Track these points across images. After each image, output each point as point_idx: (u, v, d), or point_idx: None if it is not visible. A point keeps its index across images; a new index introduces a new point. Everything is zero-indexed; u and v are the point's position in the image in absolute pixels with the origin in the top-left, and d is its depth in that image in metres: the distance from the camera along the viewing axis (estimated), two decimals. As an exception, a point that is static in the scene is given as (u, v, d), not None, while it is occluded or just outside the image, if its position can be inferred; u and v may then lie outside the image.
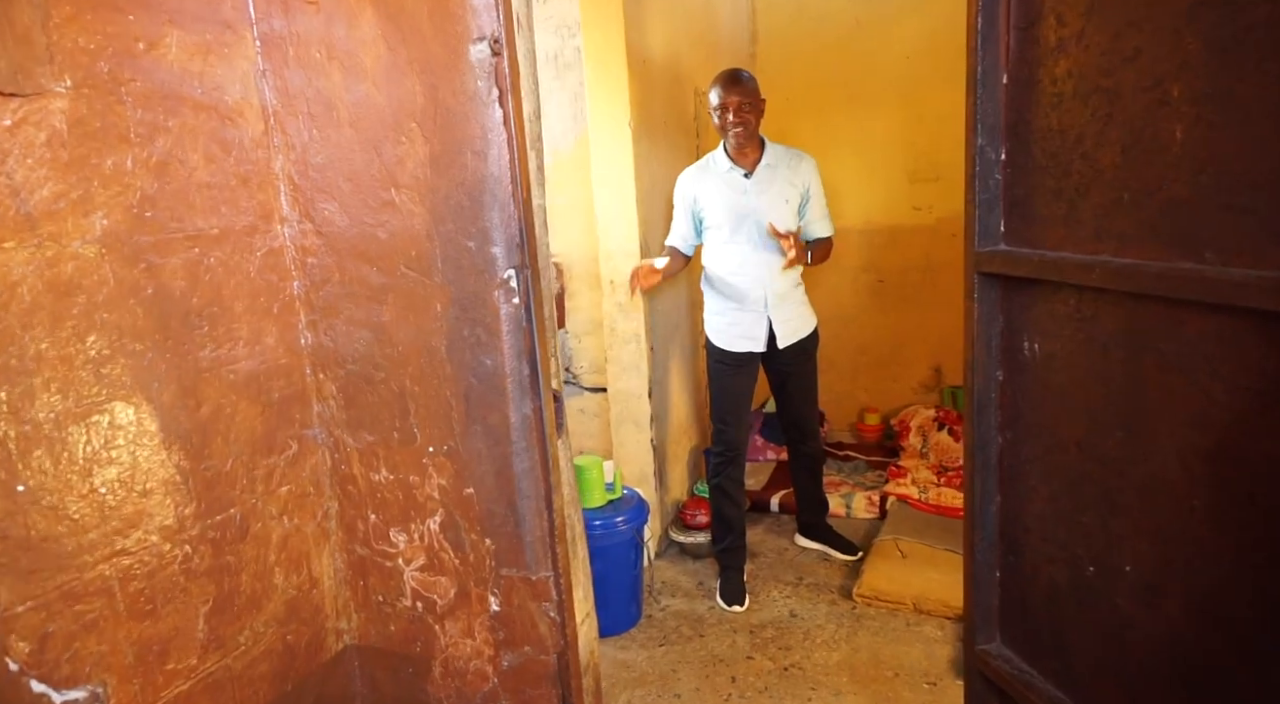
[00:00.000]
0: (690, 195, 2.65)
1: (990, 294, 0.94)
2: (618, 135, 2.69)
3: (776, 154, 2.56)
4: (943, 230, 3.73)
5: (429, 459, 1.39)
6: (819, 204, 2.59)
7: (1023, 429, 0.95)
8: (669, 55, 3.01)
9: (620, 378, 2.89)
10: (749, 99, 2.46)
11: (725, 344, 2.67)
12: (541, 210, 1.39)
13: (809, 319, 2.68)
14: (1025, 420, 0.95)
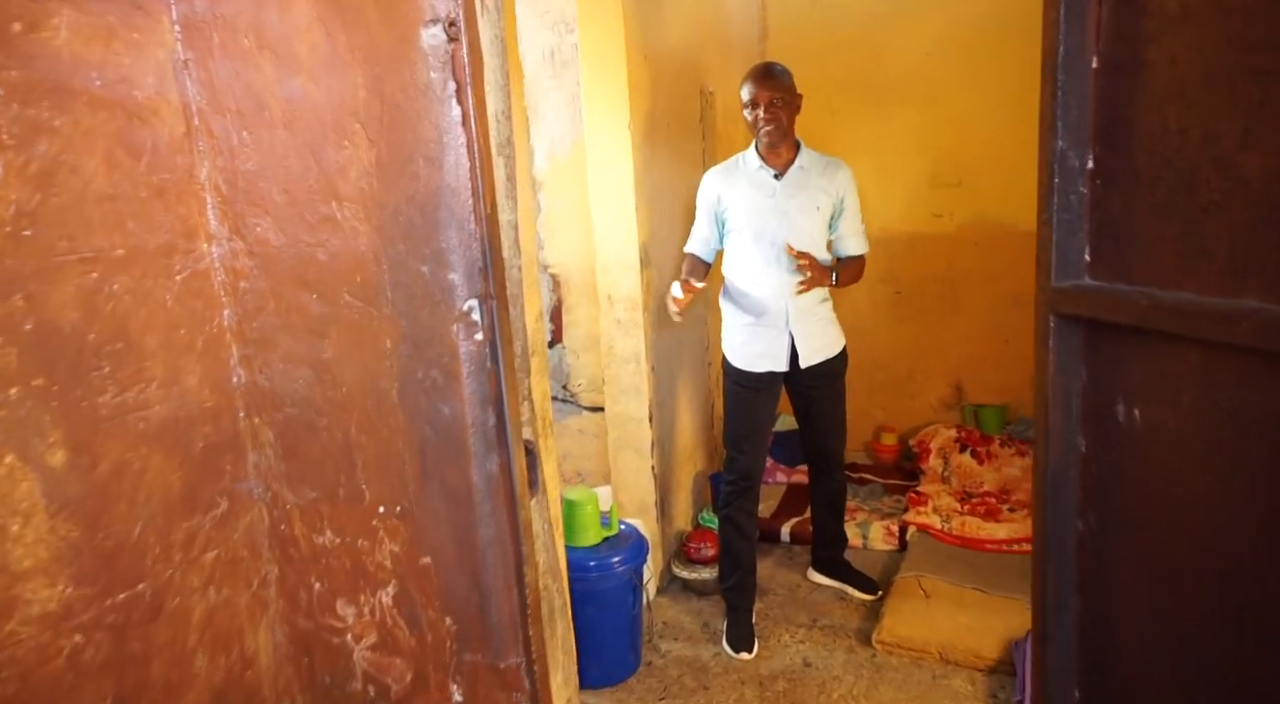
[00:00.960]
0: (714, 195, 2.44)
1: (1070, 342, 0.73)
2: (616, 138, 2.47)
3: (811, 158, 2.36)
4: (964, 238, 3.50)
5: (379, 521, 1.17)
6: (853, 218, 2.39)
7: (1112, 516, 0.74)
8: (674, 51, 2.79)
9: (619, 400, 2.68)
10: (782, 94, 2.26)
11: (743, 363, 2.45)
12: (511, 228, 1.18)
13: (836, 338, 2.46)
14: (1116, 504, 0.73)
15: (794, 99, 2.31)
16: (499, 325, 1.09)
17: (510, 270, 1.17)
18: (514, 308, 1.18)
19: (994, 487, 3.21)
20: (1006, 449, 3.36)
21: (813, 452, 2.58)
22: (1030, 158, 3.27)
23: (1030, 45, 3.01)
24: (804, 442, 2.60)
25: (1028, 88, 3.25)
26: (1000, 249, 3.44)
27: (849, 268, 2.40)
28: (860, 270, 2.43)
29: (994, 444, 3.39)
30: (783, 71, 2.29)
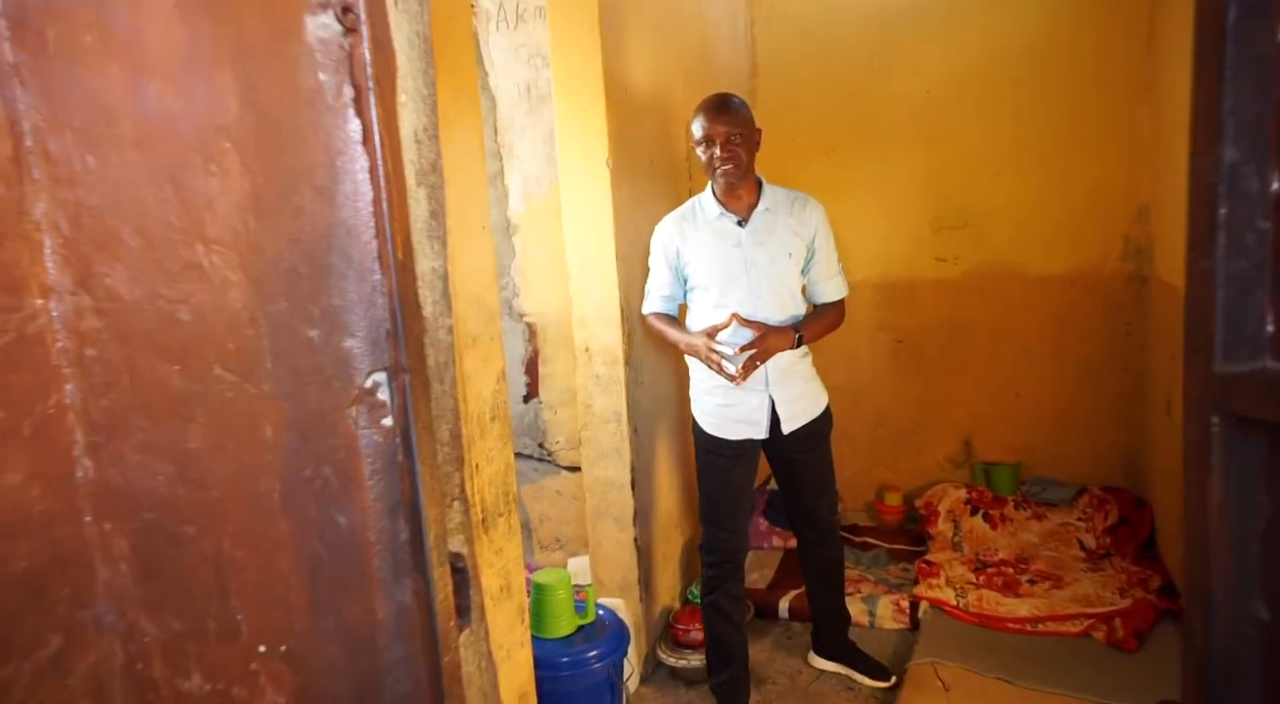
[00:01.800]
0: (671, 249, 2.18)
1: (1246, 459, 0.47)
2: (594, 176, 2.24)
3: (776, 197, 2.11)
4: (970, 285, 3.28)
5: (260, 664, 0.89)
6: (828, 259, 2.12)
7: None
8: (656, 86, 2.58)
9: (597, 464, 2.40)
10: (739, 129, 2.01)
11: (718, 430, 2.18)
12: (438, 278, 0.93)
13: (819, 396, 2.20)
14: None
15: (753, 134, 2.07)
16: (414, 407, 0.83)
17: (435, 332, 0.92)
18: (440, 382, 0.92)
19: (1010, 554, 2.93)
20: (1022, 512, 3.09)
21: (800, 520, 2.31)
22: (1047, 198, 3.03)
23: (1046, 76, 2.78)
24: (789, 510, 2.33)
25: (1041, 123, 3.05)
26: (1010, 296, 3.21)
27: (822, 317, 2.14)
28: (840, 316, 2.17)
29: (1008, 506, 3.12)
30: (740, 104, 2.08)
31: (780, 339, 2.01)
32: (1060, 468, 3.22)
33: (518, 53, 2.89)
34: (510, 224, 3.02)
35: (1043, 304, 3.17)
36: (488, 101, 2.96)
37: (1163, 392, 2.73)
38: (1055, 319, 3.16)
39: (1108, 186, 3.01)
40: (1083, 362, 3.14)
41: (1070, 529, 2.97)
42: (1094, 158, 3.02)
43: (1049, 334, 3.18)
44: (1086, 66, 2.98)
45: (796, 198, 2.12)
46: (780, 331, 2.02)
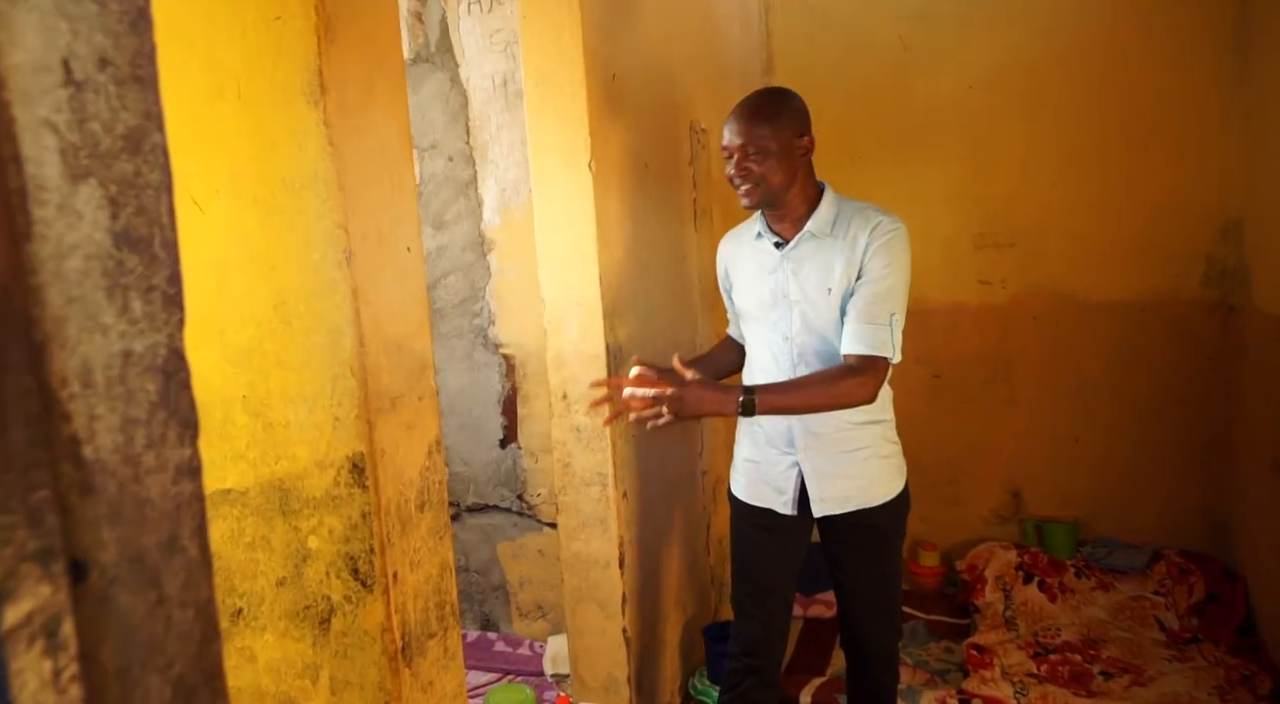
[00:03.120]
0: (721, 268, 1.83)
1: None
2: (572, 183, 1.81)
3: (832, 216, 1.61)
4: (1019, 312, 2.83)
5: None
6: (871, 295, 1.53)
7: None
8: (654, 74, 2.15)
9: (577, 536, 1.95)
10: (763, 141, 1.54)
11: (746, 492, 1.75)
12: (137, 364, 0.48)
13: (880, 479, 1.67)
14: None
15: (792, 145, 1.57)
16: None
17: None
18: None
19: (1075, 635, 2.45)
20: (1085, 581, 2.62)
21: (847, 641, 1.81)
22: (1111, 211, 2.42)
23: (1110, 69, 2.29)
24: (840, 622, 1.83)
25: (1104, 124, 2.57)
26: (1066, 325, 2.76)
27: (814, 381, 1.52)
28: (852, 386, 1.50)
29: (1067, 573, 2.65)
30: (779, 106, 1.59)
31: (706, 397, 1.46)
32: (1127, 527, 2.75)
33: (493, 40, 2.48)
34: (485, 240, 2.60)
35: (1105, 334, 2.72)
36: (458, 97, 2.54)
37: (1262, 443, 2.27)
38: (1120, 352, 2.71)
39: (1186, 198, 2.56)
40: (1154, 403, 2.68)
41: (1146, 605, 2.49)
42: (1169, 164, 2.57)
43: (1112, 369, 2.72)
44: (1159, 55, 2.54)
45: (862, 214, 1.59)
46: (712, 389, 1.48)
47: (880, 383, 1.54)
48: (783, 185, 1.58)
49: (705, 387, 1.48)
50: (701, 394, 1.47)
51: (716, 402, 1.48)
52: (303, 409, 1.19)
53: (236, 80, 1.13)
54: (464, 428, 2.74)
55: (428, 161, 2.62)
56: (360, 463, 1.17)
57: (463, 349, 2.70)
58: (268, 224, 1.15)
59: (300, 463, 1.21)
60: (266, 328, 1.18)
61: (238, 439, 1.23)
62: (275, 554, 1.25)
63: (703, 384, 1.48)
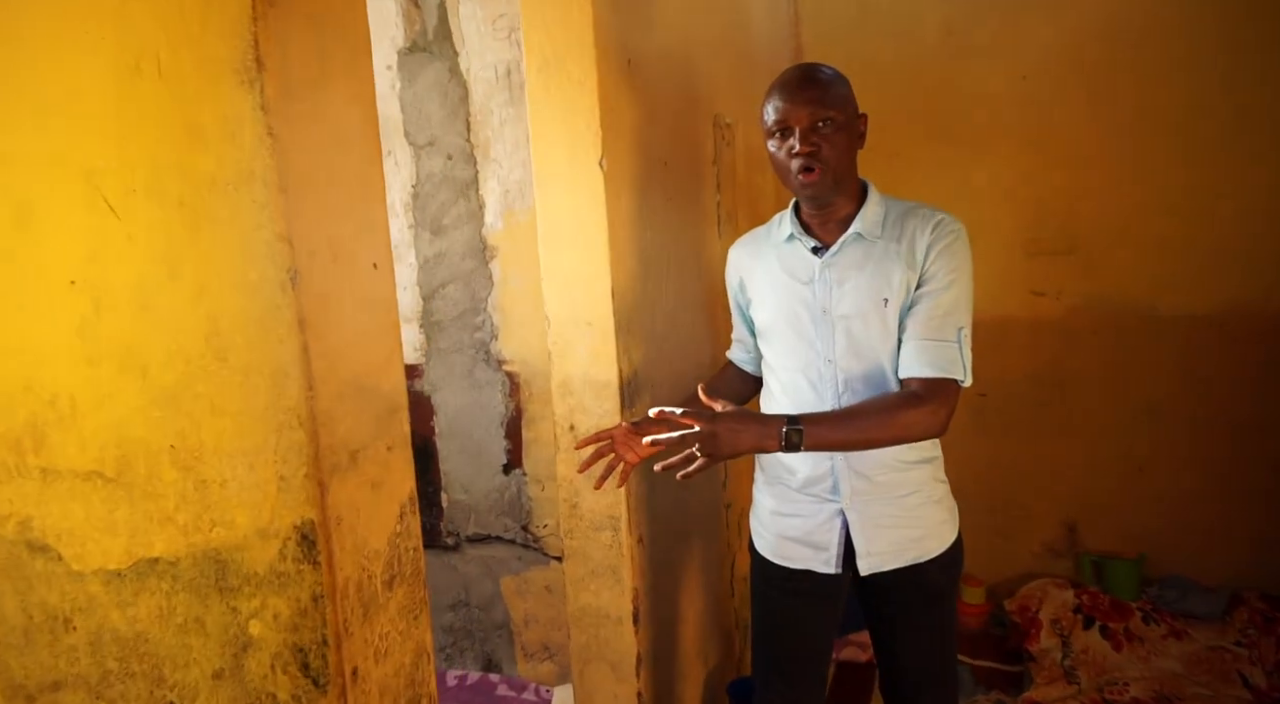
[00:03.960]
0: (735, 279, 1.56)
1: None
2: (581, 183, 1.57)
3: (880, 215, 1.37)
4: (1077, 326, 2.56)
5: None
6: (934, 307, 1.30)
7: None
8: (674, 62, 1.91)
9: (585, 587, 1.71)
10: (832, 111, 1.31)
11: (772, 551, 1.50)
12: None
13: (935, 527, 1.43)
14: None
15: (854, 121, 1.36)
16: None
17: None
18: None
19: (1146, 691, 2.18)
20: (1154, 626, 2.35)
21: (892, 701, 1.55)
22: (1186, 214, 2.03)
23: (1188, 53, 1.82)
24: (882, 681, 1.58)
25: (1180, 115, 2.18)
26: (1131, 341, 2.49)
27: (876, 410, 1.27)
28: (920, 415, 1.25)
29: (1133, 618, 2.38)
30: (835, 76, 1.37)
31: (744, 431, 1.22)
32: (1199, 566, 2.48)
33: (495, 26, 2.24)
34: (486, 246, 2.36)
35: (1176, 351, 2.44)
36: (458, 89, 2.30)
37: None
38: (1195, 372, 2.43)
39: (1277, 199, 2.28)
40: (1232, 427, 2.41)
41: (1227, 657, 2.22)
42: (1254, 160, 2.30)
43: (1186, 391, 2.45)
44: (1252, 35, 2.26)
45: (915, 213, 1.36)
46: (750, 421, 1.23)
47: (951, 412, 1.29)
48: (847, 168, 1.35)
49: (741, 419, 1.23)
50: (737, 428, 1.22)
51: (756, 435, 1.23)
52: (241, 465, 0.95)
53: (156, 52, 0.89)
54: (464, 451, 2.51)
55: (424, 160, 2.39)
56: (310, 533, 0.93)
57: (462, 366, 2.46)
58: (196, 234, 0.91)
59: (239, 530, 0.97)
60: (197, 364, 0.95)
61: (165, 498, 1.00)
62: (211, 640, 1.01)
63: (739, 416, 1.23)
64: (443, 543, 2.59)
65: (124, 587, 1.05)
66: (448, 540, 2.59)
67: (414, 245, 2.45)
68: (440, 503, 2.57)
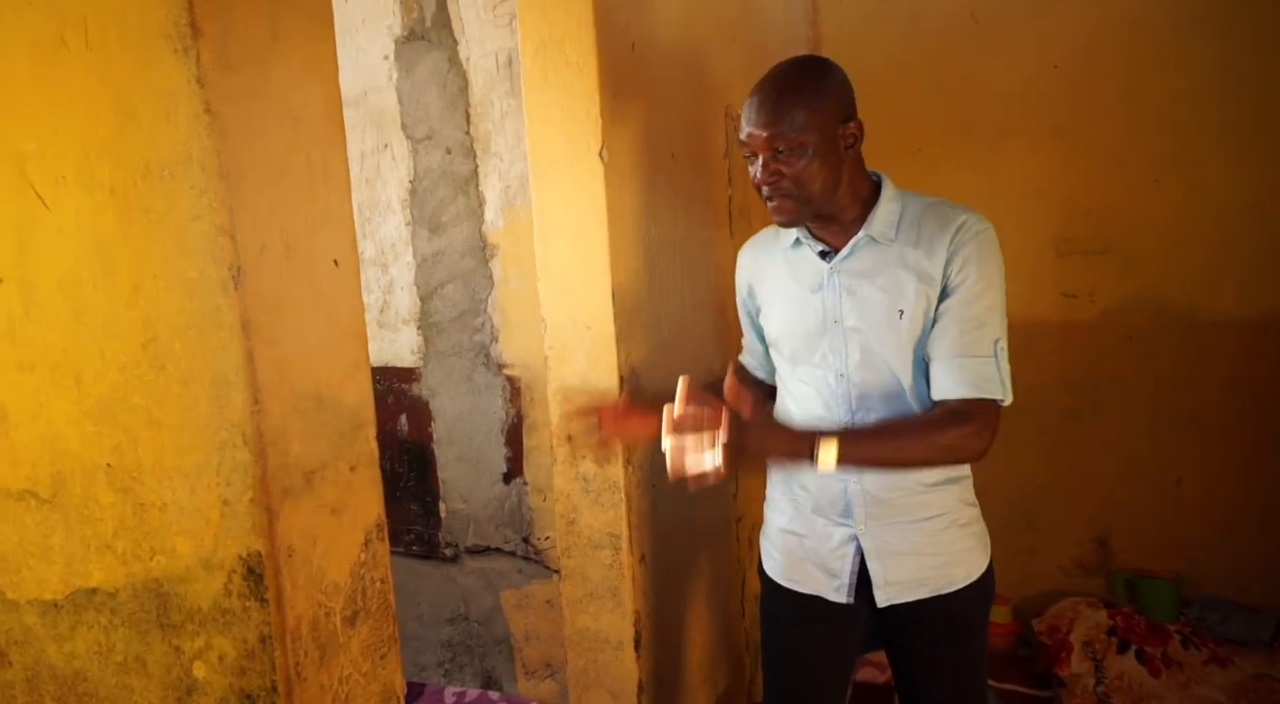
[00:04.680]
0: (743, 286, 1.44)
1: None
2: (580, 176, 1.45)
3: (892, 216, 1.23)
4: (1111, 330, 2.42)
5: None
6: (964, 319, 1.17)
7: None
8: (682, 48, 1.79)
9: (584, 609, 1.59)
10: (793, 137, 1.15)
11: (779, 572, 1.38)
12: None
13: (961, 554, 1.29)
14: None
15: (831, 138, 1.19)
16: None
17: None
18: None
19: (1186, 721, 2.04)
20: (1195, 652, 2.20)
21: None
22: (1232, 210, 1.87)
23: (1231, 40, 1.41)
24: None
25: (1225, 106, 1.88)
26: (1171, 347, 2.34)
27: (915, 430, 1.17)
28: (958, 438, 1.14)
29: (1172, 642, 2.23)
30: (812, 80, 1.19)
31: (772, 442, 1.13)
32: (1242, 587, 2.33)
33: (496, 13, 2.13)
34: (486, 244, 2.25)
35: (1218, 358, 2.30)
36: (457, 80, 2.19)
37: None
38: (1238, 379, 2.28)
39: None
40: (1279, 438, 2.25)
41: (1276, 687, 2.07)
42: (1303, 155, 2.15)
43: (1228, 399, 2.30)
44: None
45: (934, 212, 1.22)
46: (779, 433, 1.15)
47: (994, 435, 1.17)
48: (826, 190, 1.20)
49: (770, 429, 1.13)
50: (765, 438, 1.12)
51: (786, 447, 1.12)
52: (182, 487, 0.84)
53: (83, 19, 0.78)
54: (463, 459, 2.40)
55: (423, 154, 2.28)
56: (256, 566, 0.82)
57: (462, 369, 2.36)
58: (129, 226, 0.81)
59: (181, 560, 0.86)
60: (133, 373, 0.84)
61: (103, 523, 0.89)
62: (153, 682, 0.90)
63: (768, 427, 1.12)
64: (441, 554, 2.48)
65: (60, 619, 0.94)
66: (446, 551, 2.48)
67: (411, 243, 2.34)
68: (439, 513, 2.46)
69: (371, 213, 2.39)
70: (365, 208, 2.40)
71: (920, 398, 1.23)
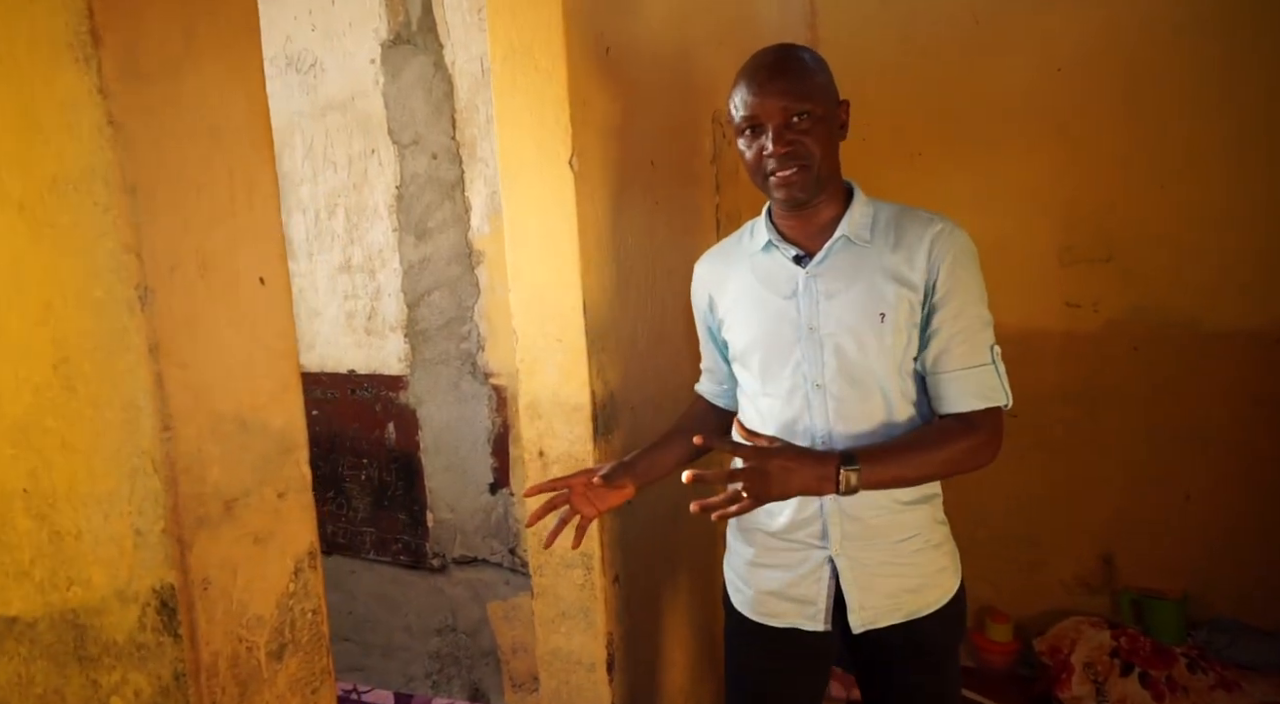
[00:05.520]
0: (703, 299, 1.37)
1: None
2: (549, 186, 1.41)
3: (870, 218, 1.21)
4: (1115, 341, 2.34)
5: None
6: (959, 330, 1.15)
7: None
8: (666, 51, 1.74)
9: (556, 628, 1.55)
10: (809, 104, 1.13)
11: (749, 608, 1.32)
12: None
13: (934, 575, 1.24)
14: None
15: (834, 110, 1.19)
16: None
17: None
18: None
19: (1191, 750, 1.96)
20: (1201, 676, 2.11)
21: None
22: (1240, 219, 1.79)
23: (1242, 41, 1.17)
24: None
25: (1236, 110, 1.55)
26: (1177, 358, 2.26)
27: (930, 443, 1.13)
28: (972, 448, 1.13)
29: (1177, 665, 2.15)
30: (813, 60, 1.19)
31: (797, 471, 1.06)
32: (1253, 608, 2.24)
33: (480, 17, 2.10)
34: (473, 251, 2.22)
35: (1227, 370, 2.21)
36: (443, 84, 2.16)
37: None
38: (1248, 392, 2.20)
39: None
40: (1292, 456, 2.17)
41: (1285, 716, 1.98)
42: (1316, 160, 2.06)
43: (1239, 413, 2.22)
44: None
45: (909, 217, 1.20)
46: (805, 459, 1.08)
47: (1001, 440, 1.15)
48: (829, 168, 1.18)
49: (796, 456, 1.07)
50: (790, 466, 1.05)
51: (810, 476, 1.06)
52: (96, 514, 0.81)
53: (-10, 29, 0.76)
54: (450, 469, 2.36)
55: (409, 160, 2.25)
56: (170, 599, 0.78)
57: (448, 378, 2.32)
58: (38, 243, 0.77)
59: (97, 590, 0.82)
60: (46, 395, 0.81)
61: (21, 550, 0.86)
62: (73, 715, 0.87)
63: (792, 453, 1.07)
64: (429, 564, 2.45)
65: (-16, 647, 0.91)
66: (434, 562, 2.44)
67: (398, 250, 2.31)
68: (426, 522, 2.43)
69: (359, 218, 2.36)
70: (353, 213, 2.37)
71: (899, 409, 1.18)
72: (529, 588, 2.36)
